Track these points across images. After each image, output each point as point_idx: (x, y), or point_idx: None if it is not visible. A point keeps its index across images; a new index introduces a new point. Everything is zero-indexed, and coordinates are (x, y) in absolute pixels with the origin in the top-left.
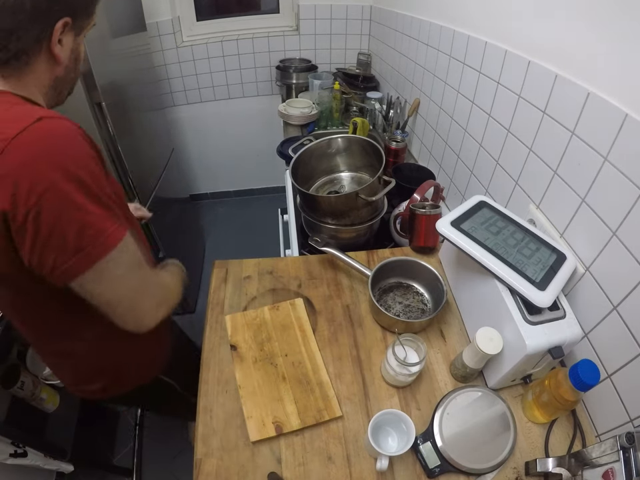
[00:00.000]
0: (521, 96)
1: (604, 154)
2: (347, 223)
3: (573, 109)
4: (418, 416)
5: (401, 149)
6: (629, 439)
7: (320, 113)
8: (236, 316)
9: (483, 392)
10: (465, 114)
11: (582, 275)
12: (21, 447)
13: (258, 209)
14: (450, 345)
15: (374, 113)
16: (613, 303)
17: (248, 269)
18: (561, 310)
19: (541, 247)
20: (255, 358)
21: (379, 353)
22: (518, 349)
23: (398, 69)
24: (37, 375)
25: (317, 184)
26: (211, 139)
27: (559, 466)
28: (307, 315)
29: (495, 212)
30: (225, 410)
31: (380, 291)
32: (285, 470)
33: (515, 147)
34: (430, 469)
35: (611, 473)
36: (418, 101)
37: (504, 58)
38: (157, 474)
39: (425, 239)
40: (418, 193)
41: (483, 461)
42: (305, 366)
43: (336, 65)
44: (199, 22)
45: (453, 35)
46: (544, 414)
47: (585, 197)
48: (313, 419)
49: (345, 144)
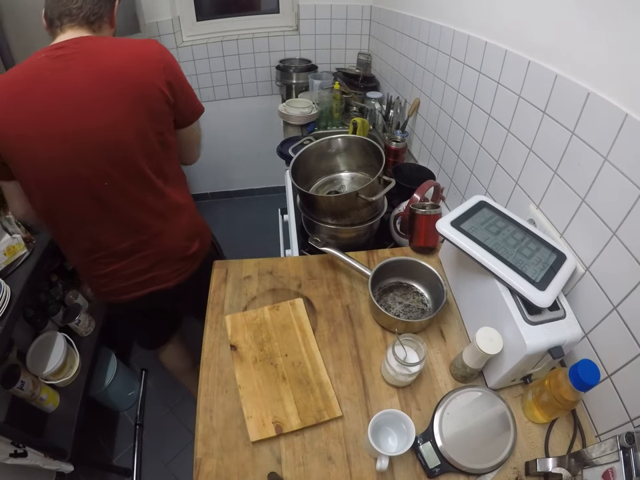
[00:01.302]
0: (520, 96)
1: (604, 154)
2: (347, 222)
3: (573, 108)
4: (418, 416)
5: (401, 149)
6: (629, 439)
7: (320, 112)
8: (236, 316)
9: (483, 392)
10: (465, 114)
11: (582, 274)
12: (21, 447)
13: (258, 208)
14: (450, 345)
15: (374, 113)
16: (613, 303)
17: (248, 269)
18: (560, 310)
19: (541, 246)
20: (254, 358)
21: (379, 353)
22: (518, 349)
23: (398, 69)
24: (37, 375)
25: (317, 184)
26: (211, 139)
27: (559, 466)
28: (307, 315)
29: (495, 212)
30: (225, 410)
31: (380, 290)
32: (284, 470)
33: (515, 146)
34: (430, 468)
35: (610, 473)
36: (418, 101)
37: (504, 58)
38: (157, 474)
39: (425, 239)
40: (418, 193)
41: (483, 461)
42: (305, 366)
43: (336, 65)
44: (199, 22)
45: (453, 34)
46: (544, 414)
47: (585, 197)
48: (313, 418)
49: (344, 144)
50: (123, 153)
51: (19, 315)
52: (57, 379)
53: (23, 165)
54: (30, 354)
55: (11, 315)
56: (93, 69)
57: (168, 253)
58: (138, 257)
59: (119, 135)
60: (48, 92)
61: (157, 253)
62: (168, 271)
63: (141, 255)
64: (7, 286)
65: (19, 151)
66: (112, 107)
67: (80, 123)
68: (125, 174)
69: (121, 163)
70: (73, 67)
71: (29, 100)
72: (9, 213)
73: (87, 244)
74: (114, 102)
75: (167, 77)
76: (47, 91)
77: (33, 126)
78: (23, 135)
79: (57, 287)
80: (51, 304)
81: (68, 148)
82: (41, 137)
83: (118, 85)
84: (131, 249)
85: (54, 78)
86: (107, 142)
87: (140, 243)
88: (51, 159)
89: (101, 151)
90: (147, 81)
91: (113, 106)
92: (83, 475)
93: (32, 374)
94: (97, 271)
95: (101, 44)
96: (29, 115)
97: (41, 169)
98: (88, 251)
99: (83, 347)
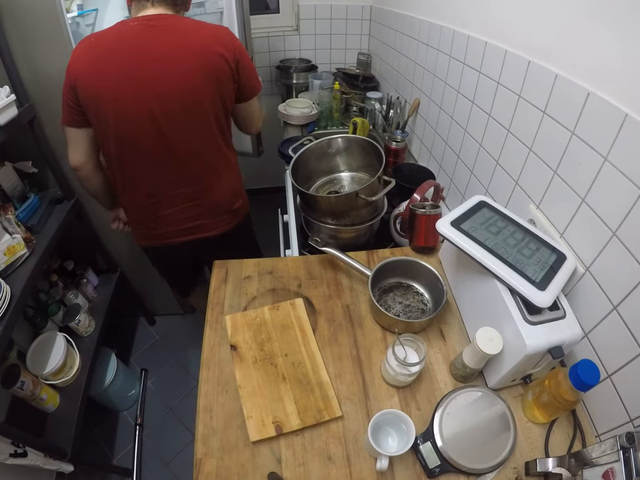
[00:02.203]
0: (520, 96)
1: (604, 154)
2: (347, 222)
3: (573, 109)
4: (418, 416)
5: (401, 149)
6: (629, 439)
7: (320, 112)
8: (236, 316)
9: (483, 392)
10: (465, 114)
11: (582, 275)
12: (21, 447)
13: (258, 208)
14: (450, 345)
15: (374, 113)
16: (613, 303)
17: (248, 269)
18: (560, 310)
19: (541, 246)
20: (255, 358)
21: (379, 353)
22: (518, 349)
23: (398, 69)
24: (37, 375)
25: (317, 184)
26: None
27: (559, 466)
28: (307, 315)
29: (495, 212)
30: (225, 410)
31: (380, 290)
32: (284, 470)
33: (515, 146)
34: (430, 469)
35: (610, 472)
36: (418, 101)
37: (504, 58)
38: (157, 474)
39: (425, 239)
40: (418, 193)
41: (483, 461)
42: (305, 366)
43: (336, 64)
44: None
45: (453, 34)
46: (544, 414)
47: (585, 197)
48: (313, 418)
49: (344, 144)
50: (194, 98)
51: (19, 314)
52: (56, 379)
53: (107, 107)
54: (30, 354)
55: (11, 315)
56: (177, 42)
57: (216, 205)
58: (190, 205)
59: (193, 82)
60: (136, 50)
61: (207, 203)
62: (214, 221)
63: (193, 204)
64: (7, 286)
65: (105, 95)
66: (190, 68)
67: (161, 70)
68: (192, 120)
69: (191, 109)
70: (161, 37)
71: (118, 55)
72: (9, 212)
73: (148, 187)
74: (192, 66)
75: (236, 57)
76: (136, 49)
77: (121, 76)
78: (111, 82)
79: (57, 287)
80: (51, 304)
81: (149, 89)
82: (127, 81)
83: (197, 57)
84: (185, 196)
85: (144, 42)
86: (182, 86)
87: (194, 192)
88: (131, 99)
89: (177, 94)
90: (220, 59)
91: (190, 67)
92: (83, 475)
93: (32, 374)
94: (152, 214)
95: (186, 23)
96: (118, 68)
97: (123, 109)
98: (147, 194)
99: (83, 347)
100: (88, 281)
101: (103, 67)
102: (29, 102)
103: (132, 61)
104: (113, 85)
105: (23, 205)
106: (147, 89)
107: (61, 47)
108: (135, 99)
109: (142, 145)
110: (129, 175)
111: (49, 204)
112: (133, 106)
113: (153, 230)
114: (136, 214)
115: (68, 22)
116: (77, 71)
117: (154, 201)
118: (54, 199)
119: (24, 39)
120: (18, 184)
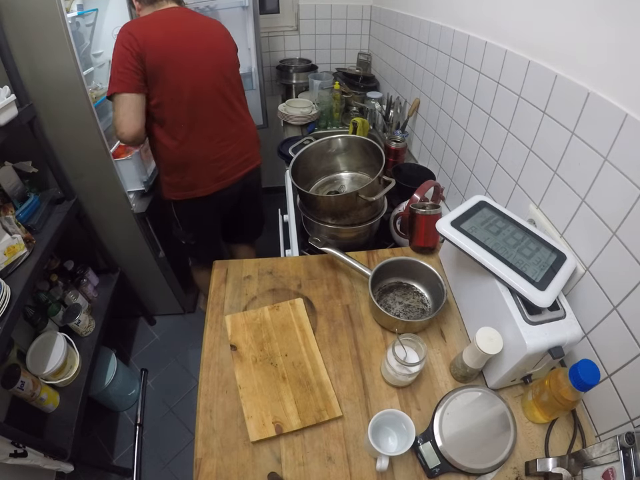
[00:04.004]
0: (520, 96)
1: (604, 154)
2: (347, 222)
3: (573, 109)
4: (418, 416)
5: (401, 149)
6: (629, 439)
7: (320, 112)
8: (236, 316)
9: (483, 392)
10: (465, 114)
11: (582, 275)
12: (21, 447)
13: None
14: (450, 345)
15: (374, 113)
16: (613, 303)
17: (248, 269)
18: (560, 310)
19: (541, 247)
20: (255, 358)
21: (379, 353)
22: (518, 349)
23: (398, 69)
24: (37, 375)
25: (317, 184)
26: None
27: (559, 466)
28: (307, 315)
29: (495, 212)
30: (225, 410)
31: (380, 291)
32: (285, 470)
33: (515, 146)
34: (430, 469)
35: (610, 472)
36: (418, 101)
37: (504, 58)
38: (157, 474)
39: (425, 239)
40: (418, 193)
41: (483, 461)
42: (305, 366)
43: (336, 64)
44: None
45: (453, 34)
46: (544, 414)
47: (585, 197)
48: (313, 418)
49: (344, 144)
50: (231, 60)
51: (19, 314)
52: (57, 379)
53: (185, 74)
54: (30, 354)
55: (11, 315)
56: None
57: (251, 140)
58: (240, 141)
59: (228, 47)
60: (189, 24)
61: (247, 138)
62: (254, 152)
63: (241, 139)
64: (7, 286)
65: (181, 63)
66: (226, 33)
67: (213, 40)
68: (232, 80)
69: (230, 70)
70: (198, 18)
71: (177, 31)
72: (9, 212)
73: (211, 130)
74: (224, 31)
75: (235, 47)
76: (188, 23)
77: (186, 45)
78: (181, 52)
79: (57, 287)
80: (51, 304)
81: (212, 59)
82: (197, 41)
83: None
84: (236, 133)
85: (191, 17)
86: (228, 51)
87: (240, 129)
88: (200, 66)
89: (227, 53)
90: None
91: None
92: (83, 475)
93: (32, 374)
94: (216, 154)
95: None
96: (180, 42)
97: (196, 74)
98: (210, 135)
99: (83, 347)
100: (88, 281)
101: (171, 36)
102: (29, 102)
103: (193, 31)
104: (184, 43)
105: (23, 205)
106: (209, 58)
107: (61, 47)
108: (200, 64)
109: (209, 99)
110: (198, 125)
111: (49, 204)
112: (200, 70)
113: (221, 169)
114: (203, 158)
115: (68, 22)
116: (146, 40)
117: (217, 140)
118: (54, 199)
119: (24, 39)
120: (18, 184)
